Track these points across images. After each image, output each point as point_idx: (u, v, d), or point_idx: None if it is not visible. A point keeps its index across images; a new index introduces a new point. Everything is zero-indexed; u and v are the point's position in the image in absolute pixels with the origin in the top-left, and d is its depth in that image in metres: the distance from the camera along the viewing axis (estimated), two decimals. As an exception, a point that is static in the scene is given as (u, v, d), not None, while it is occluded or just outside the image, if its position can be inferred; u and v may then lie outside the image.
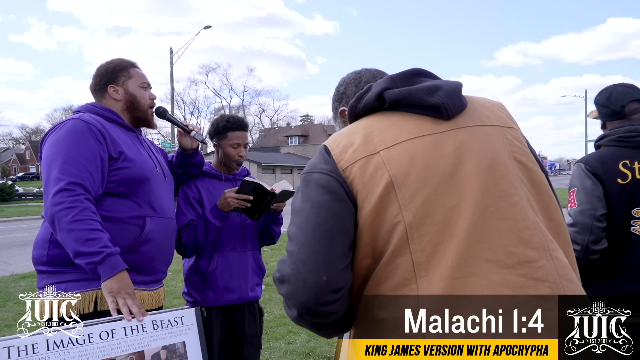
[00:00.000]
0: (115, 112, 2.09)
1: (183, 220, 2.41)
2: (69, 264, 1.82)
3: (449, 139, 1.11)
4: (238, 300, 2.47)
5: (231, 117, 2.57)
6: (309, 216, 1.08)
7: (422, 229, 1.03)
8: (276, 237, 2.66)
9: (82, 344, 1.38)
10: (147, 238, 1.98)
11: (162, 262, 2.10)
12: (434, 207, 1.04)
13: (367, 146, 1.11)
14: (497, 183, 1.07)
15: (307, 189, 1.12)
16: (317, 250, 1.05)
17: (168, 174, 2.24)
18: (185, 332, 1.58)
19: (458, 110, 1.16)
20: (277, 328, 4.76)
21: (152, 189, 2.04)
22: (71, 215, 1.71)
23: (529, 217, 1.07)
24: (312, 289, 1.04)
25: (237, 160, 2.53)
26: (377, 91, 1.19)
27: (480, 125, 1.16)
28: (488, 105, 1.24)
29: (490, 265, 1.01)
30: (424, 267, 1.01)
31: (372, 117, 1.20)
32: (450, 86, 1.17)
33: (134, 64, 2.21)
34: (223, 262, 2.44)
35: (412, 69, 1.23)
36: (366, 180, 1.07)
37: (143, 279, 1.98)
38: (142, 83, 2.18)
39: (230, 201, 2.33)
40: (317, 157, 1.17)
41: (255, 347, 2.54)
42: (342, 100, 1.41)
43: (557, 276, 1.03)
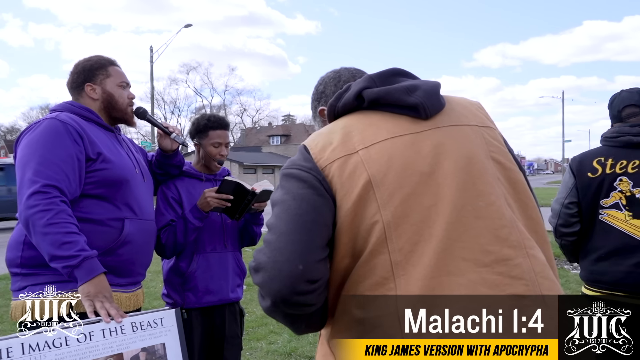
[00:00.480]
0: (93, 111, 2.05)
1: (162, 221, 2.38)
2: (43, 266, 1.79)
3: (427, 139, 1.12)
4: (219, 302, 2.46)
5: (212, 116, 2.55)
6: (289, 207, 1.07)
7: (400, 228, 1.03)
8: (257, 237, 2.64)
9: (59, 347, 1.35)
10: (125, 240, 1.94)
11: (140, 264, 2.07)
12: (412, 206, 1.05)
13: (346, 146, 1.12)
14: (474, 182, 1.08)
15: (288, 182, 1.12)
16: (295, 239, 1.04)
17: (147, 175, 2.20)
18: (165, 333, 1.56)
19: (436, 109, 1.17)
20: (259, 328, 4.75)
21: (131, 190, 2.00)
22: (46, 219, 1.68)
23: (506, 215, 1.08)
24: (287, 277, 1.03)
25: (218, 160, 2.51)
26: (356, 90, 1.19)
27: (458, 125, 1.17)
28: (466, 104, 1.25)
29: (467, 264, 1.02)
30: (402, 266, 1.02)
31: (351, 117, 1.20)
32: (428, 86, 1.18)
33: (113, 62, 2.16)
34: (203, 263, 2.42)
35: (391, 68, 1.24)
36: (345, 180, 1.08)
37: (121, 281, 1.95)
38: (121, 82, 2.12)
39: (210, 201, 2.31)
40: (297, 156, 1.17)
41: (236, 348, 2.53)
42: (321, 99, 1.41)
43: (533, 274, 1.04)
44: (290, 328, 1.15)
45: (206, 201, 2.32)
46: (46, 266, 1.77)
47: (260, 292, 1.08)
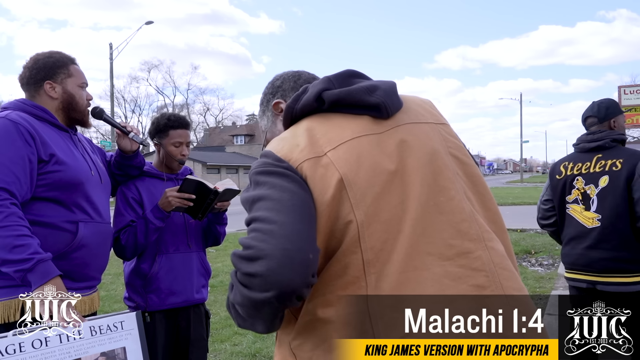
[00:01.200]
0: (48, 110, 1.97)
1: (122, 222, 2.32)
2: None
3: (389, 138, 1.13)
4: (183, 303, 2.41)
5: (172, 115, 2.51)
6: (281, 198, 1.02)
7: (372, 227, 1.04)
8: (221, 237, 2.61)
9: (12, 353, 1.30)
10: (80, 244, 1.89)
11: (95, 268, 2.03)
12: (381, 205, 1.06)
13: (314, 148, 1.11)
14: (435, 178, 1.11)
15: (269, 178, 1.07)
16: (300, 229, 0.99)
17: (104, 177, 2.15)
18: (126, 337, 1.53)
19: (396, 108, 1.19)
20: (223, 330, 4.70)
21: (86, 192, 1.95)
22: None
23: (465, 210, 1.11)
24: (300, 266, 0.96)
25: (179, 160, 2.47)
26: (316, 92, 1.18)
27: (417, 123, 1.19)
28: (420, 103, 1.28)
29: (432, 258, 1.04)
30: (373, 264, 1.03)
31: (311, 119, 1.19)
32: (387, 86, 1.20)
33: (74, 61, 2.09)
34: (166, 264, 2.38)
35: (346, 70, 1.25)
36: (317, 181, 1.07)
37: (75, 285, 1.89)
38: (82, 83, 2.07)
39: (172, 200, 2.27)
40: (264, 159, 1.13)
41: (201, 351, 2.49)
42: (277, 93, 1.38)
43: (492, 265, 1.08)
44: (263, 326, 1.08)
45: (167, 201, 2.27)
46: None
47: (257, 282, 0.96)
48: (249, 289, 0.98)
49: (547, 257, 7.91)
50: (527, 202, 18.86)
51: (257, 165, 1.12)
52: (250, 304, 0.99)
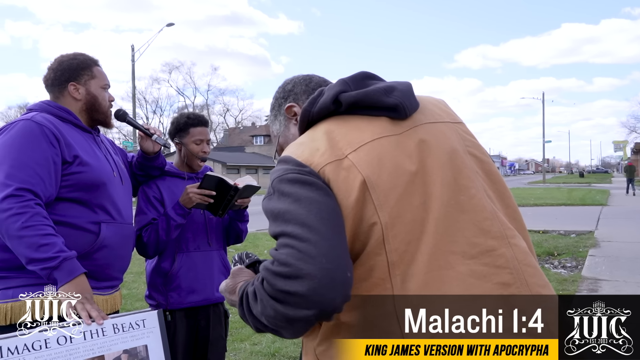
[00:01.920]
0: (71, 112, 2.00)
1: (144, 220, 2.35)
2: (17, 268, 1.75)
3: (409, 138, 1.13)
4: (203, 302, 2.43)
5: (191, 114, 2.54)
6: (310, 212, 1.00)
7: (396, 228, 1.04)
8: (243, 234, 2.62)
9: (39, 349, 1.33)
10: (102, 244, 1.91)
11: (117, 268, 2.04)
12: (404, 206, 1.05)
13: (334, 151, 1.09)
14: (455, 177, 1.11)
15: (292, 188, 1.04)
16: (335, 244, 0.98)
17: (126, 178, 2.16)
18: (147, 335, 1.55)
19: (414, 108, 1.18)
20: (242, 329, 4.73)
21: (109, 193, 1.97)
22: (21, 222, 1.65)
23: (487, 208, 1.11)
24: (341, 285, 0.96)
25: (201, 157, 2.49)
26: (333, 94, 1.17)
27: (434, 122, 1.19)
28: (435, 102, 1.28)
29: (456, 257, 1.04)
30: (397, 265, 1.03)
31: (329, 122, 1.17)
32: (403, 86, 1.20)
33: (97, 62, 2.11)
34: (187, 263, 2.40)
35: (361, 72, 1.24)
36: (340, 184, 1.06)
37: (97, 284, 1.91)
38: (104, 84, 2.09)
39: (193, 196, 2.29)
40: (285, 164, 1.10)
41: (220, 350, 2.51)
42: (288, 97, 1.36)
43: (516, 262, 1.07)
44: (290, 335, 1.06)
45: (188, 197, 2.29)
46: (20, 269, 1.74)
47: (292, 300, 0.96)
48: (284, 305, 0.97)
49: (571, 259, 7.77)
50: (549, 203, 18.56)
51: (279, 173, 1.09)
52: (283, 319, 0.98)
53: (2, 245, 1.76)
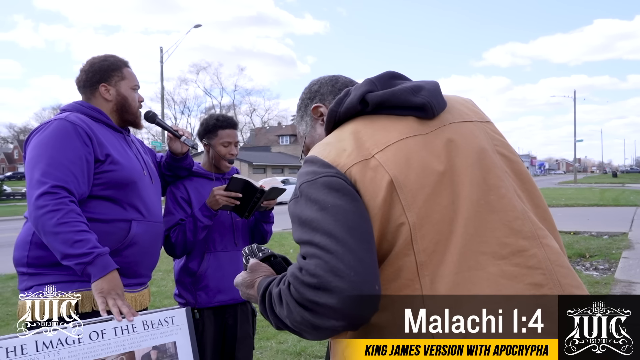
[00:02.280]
0: (103, 112, 2.05)
1: (172, 220, 2.39)
2: (49, 265, 1.81)
3: (436, 138, 1.12)
4: (231, 301, 2.46)
5: (221, 116, 2.56)
6: (336, 221, 0.99)
7: (424, 229, 1.03)
8: (267, 235, 2.64)
9: (72, 344, 1.37)
10: (132, 241, 1.95)
11: (146, 266, 2.08)
12: (432, 206, 1.05)
13: (361, 151, 1.09)
14: (484, 177, 1.10)
15: (320, 194, 1.03)
16: (363, 256, 0.97)
17: (155, 177, 2.20)
18: (176, 332, 1.57)
19: (441, 108, 1.18)
20: (269, 328, 4.76)
21: (139, 192, 2.01)
22: (56, 219, 1.70)
23: (517, 207, 1.10)
24: (369, 300, 0.97)
25: (228, 159, 2.52)
26: (359, 94, 1.17)
27: (462, 122, 1.18)
28: (462, 102, 1.26)
29: (486, 258, 1.03)
30: (426, 266, 1.02)
31: (356, 122, 1.17)
32: (431, 85, 1.19)
33: (127, 64, 2.16)
34: (214, 263, 2.43)
35: (387, 72, 1.23)
36: (367, 184, 1.05)
37: (126, 281, 1.94)
38: (134, 85, 2.13)
39: (219, 199, 2.32)
40: (312, 166, 1.10)
41: (248, 348, 2.53)
42: (315, 98, 1.37)
43: (549, 262, 1.06)
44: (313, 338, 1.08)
45: (215, 199, 2.32)
46: (52, 266, 1.80)
47: (321, 311, 0.96)
48: (312, 314, 0.97)
49: (603, 261, 7.56)
50: (580, 204, 18.12)
51: (305, 177, 1.09)
52: (310, 326, 0.99)
53: (37, 243, 1.82)
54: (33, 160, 1.84)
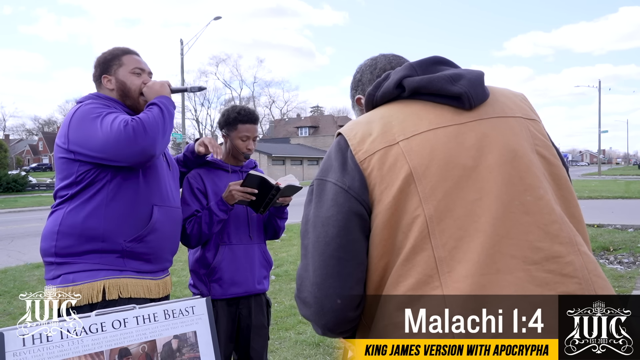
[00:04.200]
0: (116, 99, 2.08)
1: (188, 211, 2.42)
2: (77, 254, 1.85)
3: (470, 131, 1.07)
4: (244, 293, 2.48)
5: (242, 110, 2.55)
6: (319, 235, 1.07)
7: (444, 223, 1.00)
8: (280, 231, 2.66)
9: (95, 332, 1.40)
10: (154, 227, 1.98)
11: (169, 251, 2.11)
12: (455, 200, 1.01)
13: (386, 136, 1.07)
14: (521, 176, 1.04)
15: (319, 199, 1.10)
16: (328, 273, 1.05)
17: (173, 164, 2.24)
18: (196, 321, 1.59)
19: (480, 100, 1.12)
20: (287, 318, 4.79)
21: (158, 177, 2.04)
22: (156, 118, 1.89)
23: (556, 211, 1.04)
24: (330, 312, 1.06)
25: (245, 153, 2.52)
26: (397, 79, 1.14)
27: (503, 117, 1.12)
28: (510, 96, 1.19)
29: (516, 262, 0.98)
30: (447, 262, 0.98)
31: (390, 106, 1.16)
32: (472, 75, 1.13)
33: (129, 51, 2.16)
34: (229, 255, 2.45)
35: (432, 56, 1.19)
36: (385, 173, 1.04)
37: (150, 267, 2.01)
38: (134, 69, 2.12)
39: (235, 194, 2.34)
40: (333, 153, 1.13)
41: (262, 339, 2.55)
42: (358, 88, 1.36)
43: (586, 272, 1.00)
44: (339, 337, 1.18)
45: (231, 194, 2.35)
46: (79, 254, 1.84)
47: (307, 318, 1.12)
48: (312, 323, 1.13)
49: (628, 255, 7.42)
50: (604, 196, 17.77)
51: (322, 170, 1.14)
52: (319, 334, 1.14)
53: (64, 232, 1.87)
54: (89, 117, 1.89)
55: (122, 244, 1.92)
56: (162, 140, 1.92)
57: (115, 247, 1.92)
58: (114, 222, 1.91)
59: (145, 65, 2.17)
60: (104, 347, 1.40)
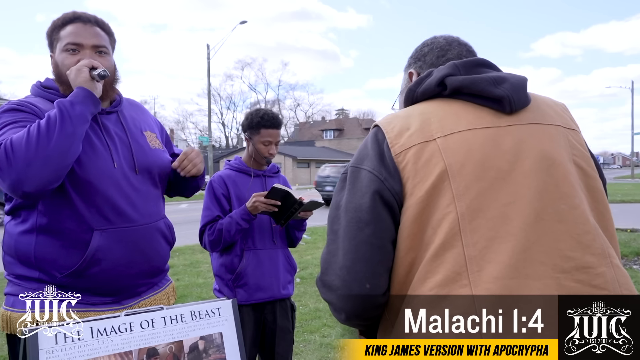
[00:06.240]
0: (57, 90, 1.64)
1: (209, 216, 2.45)
2: (15, 276, 1.63)
3: (508, 135, 1.07)
4: (269, 299, 2.49)
5: (266, 114, 2.55)
6: (351, 220, 1.07)
7: (475, 222, 0.99)
8: (296, 241, 2.68)
9: (124, 332, 1.42)
10: (95, 258, 1.58)
11: (134, 276, 1.68)
12: (488, 201, 1.00)
13: (424, 132, 1.07)
14: (557, 184, 1.03)
15: (353, 185, 1.10)
16: (358, 257, 1.05)
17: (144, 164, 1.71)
18: (222, 323, 1.61)
19: (521, 105, 1.11)
20: (312, 321, 4.79)
21: (104, 188, 1.59)
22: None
23: (590, 221, 1.03)
24: (358, 297, 1.05)
25: (266, 158, 2.54)
26: (439, 77, 1.14)
27: (543, 124, 1.11)
28: (551, 104, 1.18)
29: (545, 269, 0.97)
30: (477, 261, 0.97)
31: (430, 103, 1.16)
32: (516, 79, 1.13)
33: (71, 19, 1.64)
34: (254, 260, 2.47)
35: (476, 58, 1.20)
36: (420, 167, 1.04)
37: (105, 299, 1.65)
38: (66, 45, 1.61)
39: (259, 205, 2.37)
40: (370, 143, 1.13)
41: (287, 343, 2.56)
42: (417, 62, 1.33)
43: (617, 285, 0.99)
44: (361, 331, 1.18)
45: (254, 205, 2.37)
46: (17, 277, 1.63)
47: (330, 306, 1.11)
48: (332, 309, 1.12)
49: (662, 261, 7.19)
50: (637, 200, 17.27)
51: (356, 158, 1.13)
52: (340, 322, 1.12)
53: (5, 247, 1.64)
54: None
55: (57, 277, 1.57)
56: (35, 171, 1.39)
57: (52, 279, 1.57)
58: (46, 252, 1.56)
59: (88, 37, 1.61)
60: (133, 347, 1.43)
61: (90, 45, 1.63)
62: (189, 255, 8.34)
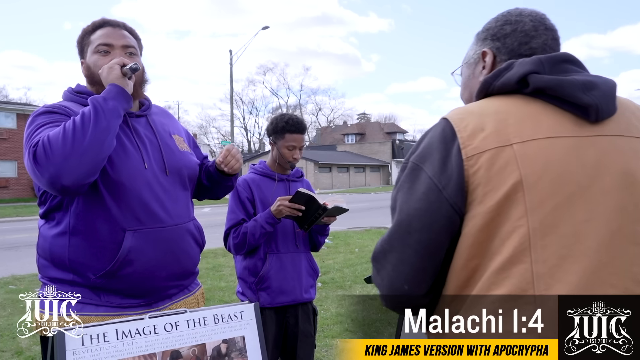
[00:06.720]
0: (90, 92, 1.70)
1: (233, 219, 2.48)
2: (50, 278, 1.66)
3: (590, 146, 0.99)
4: (292, 302, 2.51)
5: (290, 119, 2.57)
6: (402, 222, 1.05)
7: (548, 238, 0.94)
8: (319, 246, 2.68)
9: (148, 334, 1.44)
10: (127, 259, 1.60)
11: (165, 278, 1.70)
12: (563, 217, 0.95)
13: (500, 135, 0.99)
14: (637, 204, 0.97)
15: (411, 185, 1.05)
16: (402, 259, 1.04)
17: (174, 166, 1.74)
18: (245, 326, 1.61)
19: (608, 114, 1.02)
20: (334, 326, 4.78)
21: (135, 189, 1.62)
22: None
23: None
24: (397, 291, 1.05)
25: (290, 162, 2.56)
26: (521, 73, 1.04)
27: (627, 136, 1.03)
28: (634, 110, 1.09)
29: (615, 292, 0.94)
30: (545, 280, 0.93)
31: (507, 100, 1.06)
32: (607, 86, 1.04)
33: (101, 24, 1.72)
34: (277, 264, 2.48)
35: (562, 53, 1.10)
36: (493, 174, 0.97)
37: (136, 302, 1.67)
38: (97, 46, 1.68)
39: (283, 209, 2.38)
40: (436, 141, 1.04)
41: (309, 347, 2.57)
42: (495, 41, 1.18)
43: None
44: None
45: (279, 209, 2.39)
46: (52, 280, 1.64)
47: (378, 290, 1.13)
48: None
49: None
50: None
51: (420, 155, 1.05)
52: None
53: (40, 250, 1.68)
54: None
55: (91, 279, 1.60)
56: (73, 164, 1.43)
57: (86, 281, 1.61)
58: (80, 254, 1.59)
59: (118, 38, 1.69)
60: (157, 349, 1.45)
61: (120, 45, 1.69)
62: (212, 258, 8.41)
